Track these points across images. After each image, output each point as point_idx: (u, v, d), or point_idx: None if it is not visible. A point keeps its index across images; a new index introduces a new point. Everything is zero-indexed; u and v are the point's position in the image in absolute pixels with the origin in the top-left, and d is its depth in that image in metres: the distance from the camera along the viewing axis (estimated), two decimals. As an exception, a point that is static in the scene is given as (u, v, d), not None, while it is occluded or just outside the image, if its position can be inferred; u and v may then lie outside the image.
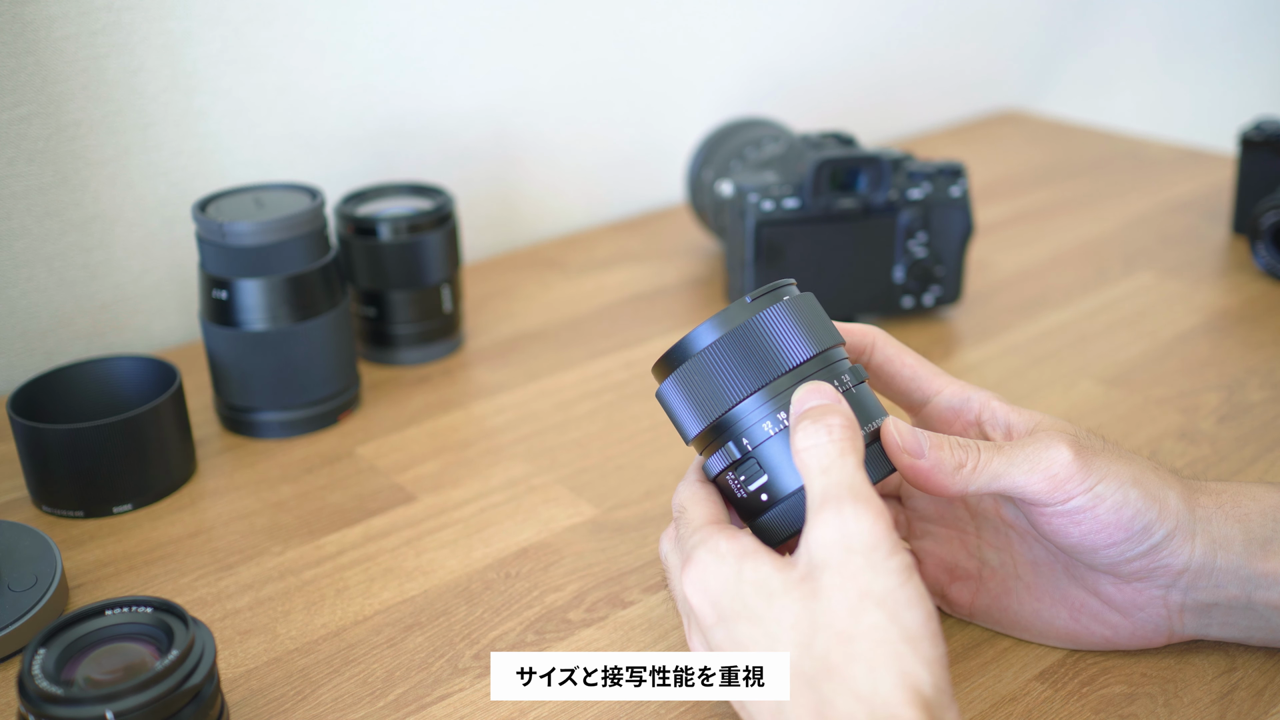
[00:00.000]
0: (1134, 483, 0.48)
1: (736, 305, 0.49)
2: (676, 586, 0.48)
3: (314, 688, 0.52)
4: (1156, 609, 0.51)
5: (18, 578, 0.56)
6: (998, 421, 0.52)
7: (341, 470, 0.68)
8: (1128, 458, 0.49)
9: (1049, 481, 0.48)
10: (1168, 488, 0.49)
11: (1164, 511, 0.48)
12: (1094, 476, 0.48)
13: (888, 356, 0.55)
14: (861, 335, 0.55)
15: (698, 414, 0.49)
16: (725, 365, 0.48)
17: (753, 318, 0.48)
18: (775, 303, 0.49)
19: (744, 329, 0.48)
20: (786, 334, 0.48)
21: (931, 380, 0.54)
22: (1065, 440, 0.48)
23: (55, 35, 0.76)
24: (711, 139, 0.95)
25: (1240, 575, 0.49)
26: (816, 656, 0.41)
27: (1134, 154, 1.19)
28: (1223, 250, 0.95)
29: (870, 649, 0.41)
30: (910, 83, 1.28)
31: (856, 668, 0.40)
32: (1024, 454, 0.48)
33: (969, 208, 0.81)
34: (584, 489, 0.66)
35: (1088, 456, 0.48)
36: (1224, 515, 0.50)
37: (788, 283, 0.50)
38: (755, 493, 0.48)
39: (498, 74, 0.97)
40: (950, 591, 0.55)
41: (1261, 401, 0.73)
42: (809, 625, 0.42)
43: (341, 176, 0.90)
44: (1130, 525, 0.48)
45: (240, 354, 0.69)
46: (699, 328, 0.49)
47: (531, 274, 0.95)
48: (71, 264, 0.81)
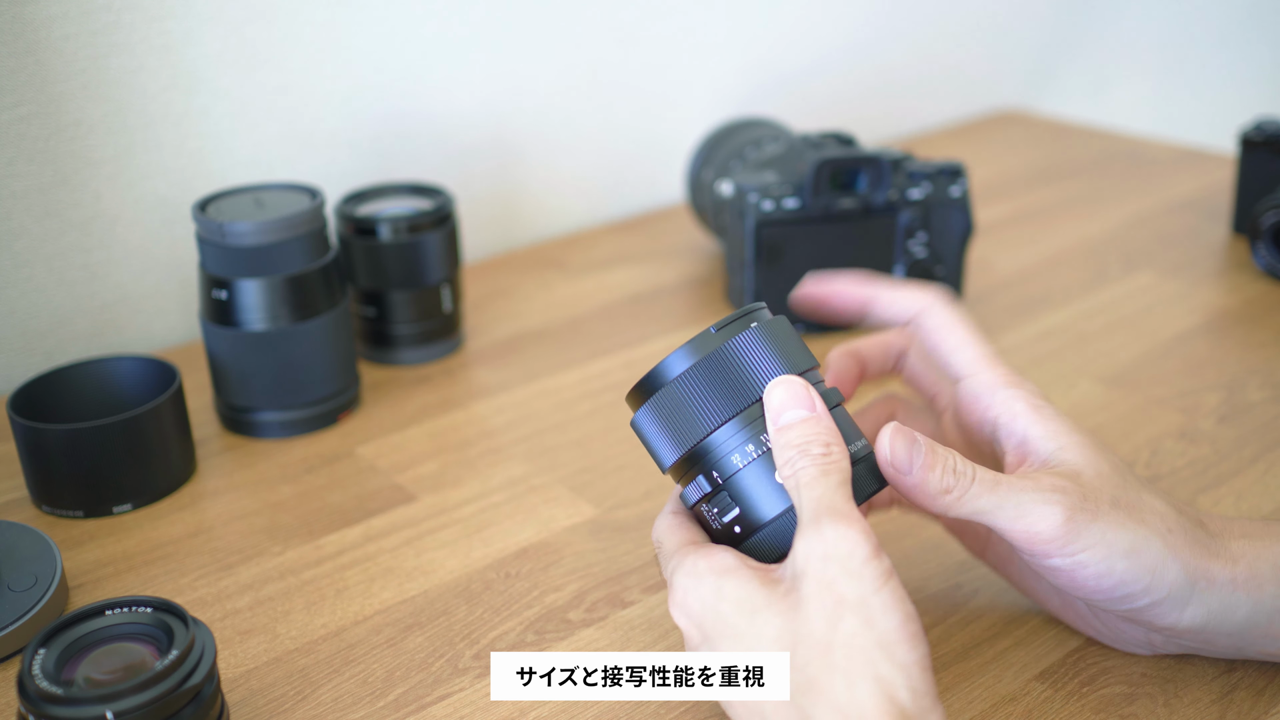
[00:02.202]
0: (1126, 554, 0.46)
1: (703, 334, 0.47)
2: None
3: (314, 688, 0.52)
4: (1139, 635, 0.51)
5: (18, 578, 0.56)
6: (1015, 430, 0.49)
7: (341, 470, 0.68)
8: (1134, 522, 0.46)
9: (1029, 537, 0.46)
10: (1172, 558, 0.46)
11: (1155, 584, 0.46)
12: (1079, 544, 0.46)
13: (937, 325, 0.53)
14: (915, 300, 0.53)
15: (671, 445, 0.48)
16: (696, 394, 0.47)
17: (722, 345, 0.47)
18: (744, 329, 0.48)
19: (714, 357, 0.47)
20: (757, 360, 0.47)
21: (972, 360, 0.52)
22: (1061, 501, 0.46)
23: (55, 35, 0.76)
24: (711, 139, 0.95)
25: (1236, 638, 0.48)
26: (798, 669, 0.41)
27: (1134, 154, 1.19)
28: (1223, 250, 0.95)
29: (847, 658, 0.40)
30: (910, 83, 1.28)
31: (835, 679, 0.40)
32: (1013, 500, 0.46)
33: (969, 208, 0.81)
34: (584, 489, 0.66)
35: (1081, 523, 0.46)
36: (1235, 586, 0.47)
37: (758, 307, 0.49)
38: (729, 524, 0.47)
39: (498, 74, 0.97)
40: (965, 538, 0.55)
41: (1261, 401, 0.73)
42: (791, 638, 0.42)
43: (341, 176, 0.90)
44: (1111, 592, 0.47)
45: (240, 354, 0.69)
46: (670, 356, 0.47)
47: (531, 274, 0.95)
48: (71, 264, 0.81)
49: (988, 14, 1.33)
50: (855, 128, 1.17)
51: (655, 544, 0.49)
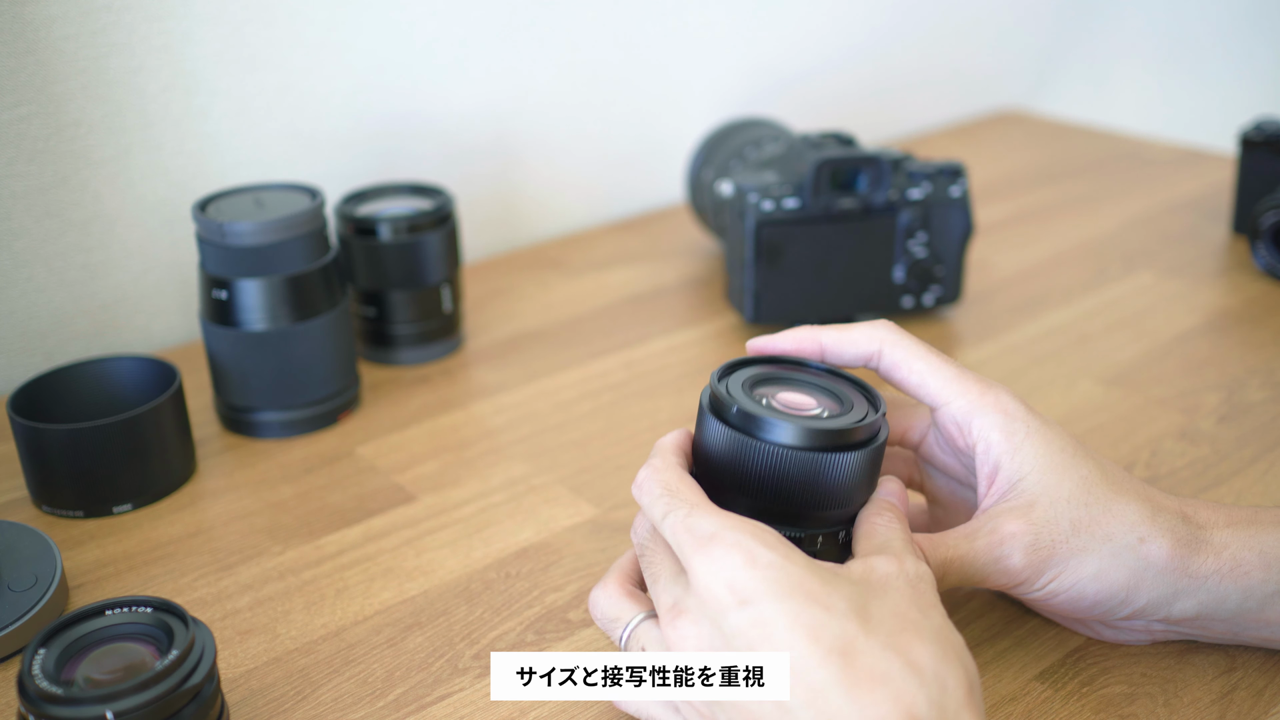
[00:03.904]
0: (1094, 577, 0.48)
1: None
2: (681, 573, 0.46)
3: (314, 688, 0.52)
4: (1138, 625, 0.51)
5: (18, 578, 0.56)
6: (988, 460, 0.50)
7: (341, 470, 0.68)
8: (1097, 543, 0.48)
9: (998, 586, 0.50)
10: (1146, 566, 0.48)
11: (1132, 596, 0.48)
12: (1043, 579, 0.49)
13: (895, 362, 0.52)
14: (867, 343, 0.53)
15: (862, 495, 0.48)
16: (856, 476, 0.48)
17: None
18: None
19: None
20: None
21: (941, 390, 0.51)
22: (1015, 546, 0.48)
23: (55, 35, 0.76)
24: (711, 139, 0.95)
25: (1231, 623, 0.49)
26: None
27: (1134, 154, 1.19)
28: (1223, 250, 0.95)
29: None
30: (910, 83, 1.28)
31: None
32: (973, 570, 0.48)
33: (969, 208, 0.81)
34: (584, 489, 0.66)
35: (1038, 561, 0.48)
36: (1221, 576, 0.48)
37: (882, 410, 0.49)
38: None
39: (498, 74, 0.97)
40: None
41: (1261, 401, 0.73)
42: (862, 606, 0.42)
43: (341, 176, 0.90)
44: (1090, 610, 0.49)
45: (240, 354, 0.69)
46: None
47: (531, 274, 0.95)
48: (71, 264, 0.81)
49: (988, 14, 1.33)
50: (855, 128, 1.17)
51: (662, 495, 0.47)
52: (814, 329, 0.54)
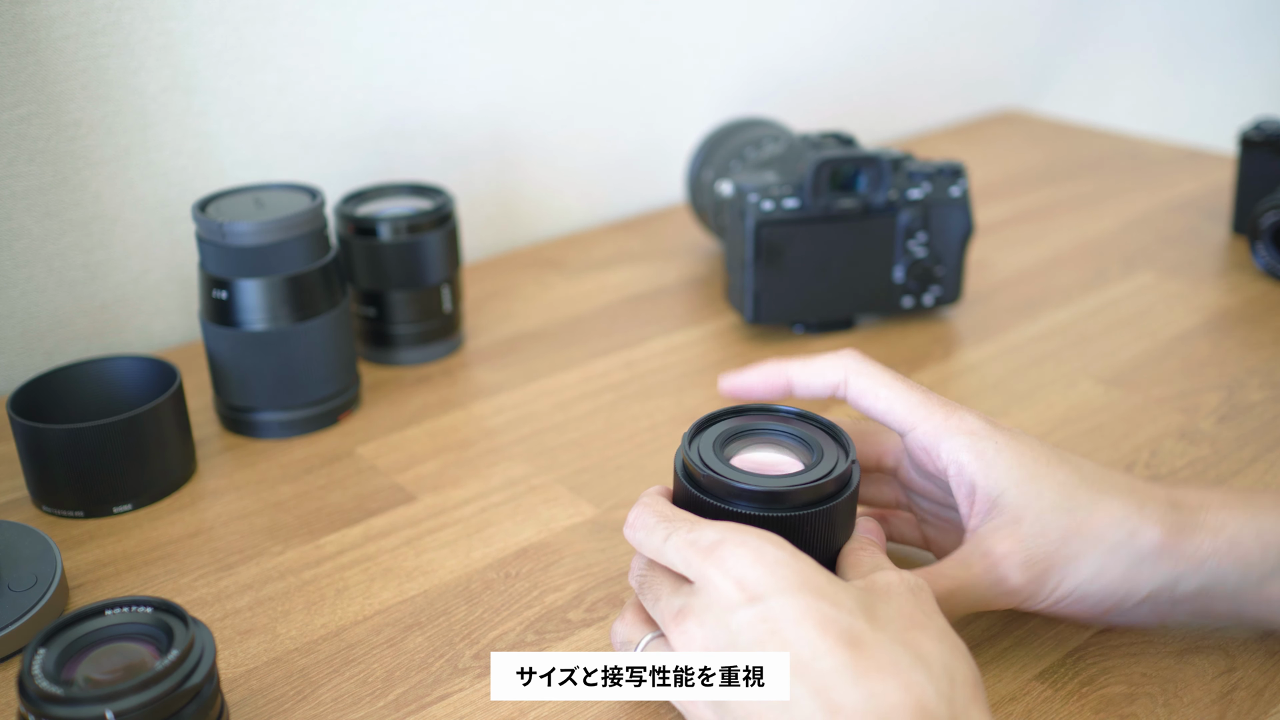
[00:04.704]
0: (1092, 579, 0.48)
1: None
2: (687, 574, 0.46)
3: (314, 688, 0.52)
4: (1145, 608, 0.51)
5: (18, 578, 0.56)
6: (963, 482, 0.50)
7: (341, 470, 0.68)
8: (1089, 547, 0.48)
9: (1001, 606, 0.50)
10: (1140, 559, 0.48)
11: (1134, 589, 0.49)
12: (1043, 592, 0.49)
13: (861, 391, 0.53)
14: (832, 373, 0.54)
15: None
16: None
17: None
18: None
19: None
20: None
21: (906, 416, 0.52)
22: (1009, 567, 0.48)
23: (55, 35, 0.76)
24: (711, 139, 0.95)
25: (1232, 600, 0.49)
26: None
27: (1134, 154, 1.19)
28: (1223, 250, 0.95)
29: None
30: (910, 83, 1.28)
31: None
32: (972, 598, 0.49)
33: (969, 208, 0.81)
34: (584, 489, 0.66)
35: (1035, 575, 0.48)
36: (1219, 556, 0.48)
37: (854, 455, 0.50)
38: None
39: (497, 74, 0.97)
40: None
41: (1261, 401, 0.73)
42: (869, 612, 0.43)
43: (341, 176, 0.90)
44: (1094, 610, 0.50)
45: (240, 354, 0.69)
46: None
47: (531, 274, 0.95)
48: (71, 264, 0.81)
49: (988, 14, 1.33)
50: (855, 128, 1.17)
51: (666, 519, 0.47)
52: (781, 363, 0.55)
